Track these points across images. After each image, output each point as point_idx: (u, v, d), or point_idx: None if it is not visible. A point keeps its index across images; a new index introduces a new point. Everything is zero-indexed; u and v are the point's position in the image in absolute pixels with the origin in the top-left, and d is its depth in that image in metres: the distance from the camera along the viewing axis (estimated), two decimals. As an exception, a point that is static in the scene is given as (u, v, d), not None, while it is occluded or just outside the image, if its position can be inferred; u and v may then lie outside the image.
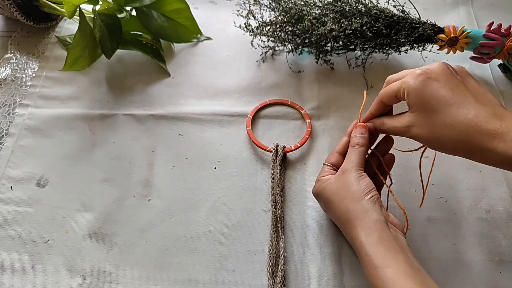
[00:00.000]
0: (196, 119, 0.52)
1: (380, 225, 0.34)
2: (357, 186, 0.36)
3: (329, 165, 0.41)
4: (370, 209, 0.35)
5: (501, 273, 0.40)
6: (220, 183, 0.47)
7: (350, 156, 0.39)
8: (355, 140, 0.40)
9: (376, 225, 0.34)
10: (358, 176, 0.37)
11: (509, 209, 0.44)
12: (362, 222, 0.35)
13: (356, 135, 0.40)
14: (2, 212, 0.46)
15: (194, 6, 0.64)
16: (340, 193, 0.37)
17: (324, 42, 0.53)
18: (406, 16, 0.52)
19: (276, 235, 0.43)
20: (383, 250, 0.33)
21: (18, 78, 0.58)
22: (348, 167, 0.38)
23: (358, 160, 0.38)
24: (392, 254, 0.32)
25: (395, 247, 0.33)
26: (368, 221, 0.34)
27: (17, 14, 0.58)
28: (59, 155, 0.50)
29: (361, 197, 0.36)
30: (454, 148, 0.34)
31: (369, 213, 0.35)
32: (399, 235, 0.36)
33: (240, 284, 0.41)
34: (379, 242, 0.33)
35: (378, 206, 0.36)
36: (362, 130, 0.40)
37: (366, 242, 0.34)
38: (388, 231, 0.34)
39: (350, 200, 0.36)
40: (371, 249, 0.33)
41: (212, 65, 0.58)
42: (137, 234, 0.44)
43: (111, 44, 0.53)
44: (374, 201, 0.36)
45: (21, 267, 0.42)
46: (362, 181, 0.37)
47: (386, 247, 0.33)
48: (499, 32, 0.50)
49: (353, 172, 0.37)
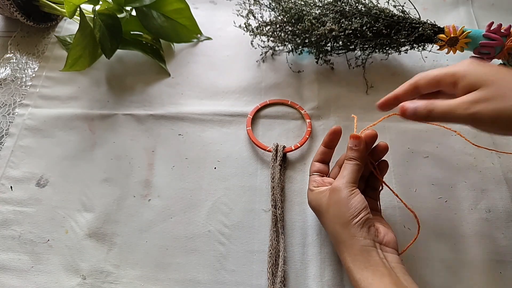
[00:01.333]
0: (196, 119, 0.52)
1: (365, 250, 0.34)
2: (346, 208, 0.36)
3: (316, 174, 0.41)
4: (357, 234, 0.35)
5: (501, 273, 0.40)
6: (220, 183, 0.47)
7: (343, 171, 0.38)
8: (349, 153, 0.39)
9: (362, 250, 0.34)
10: (349, 195, 0.36)
11: (509, 209, 0.44)
12: (349, 248, 0.35)
13: (351, 147, 0.39)
14: (2, 212, 0.46)
15: (194, 6, 0.64)
16: (330, 212, 0.37)
17: (324, 42, 0.53)
18: (406, 16, 0.52)
19: (276, 235, 0.43)
20: (369, 275, 0.33)
21: (18, 78, 0.58)
22: (339, 185, 0.37)
23: (350, 177, 0.37)
24: (378, 278, 0.33)
25: (381, 271, 0.33)
26: (354, 247, 0.35)
27: (17, 14, 0.58)
28: (59, 155, 0.50)
29: (349, 220, 0.35)
30: None
31: (355, 239, 0.35)
32: (390, 254, 0.35)
33: (240, 284, 0.41)
34: (364, 268, 0.34)
35: (365, 229, 0.35)
36: (356, 142, 0.39)
37: (352, 267, 0.34)
38: (374, 255, 0.34)
39: (338, 223, 0.36)
40: (357, 274, 0.34)
41: (212, 65, 0.58)
42: (137, 234, 0.44)
43: (111, 44, 0.53)
44: (361, 224, 0.35)
45: (21, 267, 0.42)
46: (352, 202, 0.36)
47: (371, 271, 0.33)
48: (499, 32, 0.50)
49: (344, 190, 0.36)
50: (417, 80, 0.37)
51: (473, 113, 0.32)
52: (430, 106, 0.34)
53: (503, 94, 0.31)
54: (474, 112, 0.32)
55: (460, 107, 0.33)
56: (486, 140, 0.49)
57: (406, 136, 0.50)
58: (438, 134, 0.50)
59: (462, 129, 0.48)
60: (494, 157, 0.48)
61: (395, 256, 0.36)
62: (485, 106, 0.32)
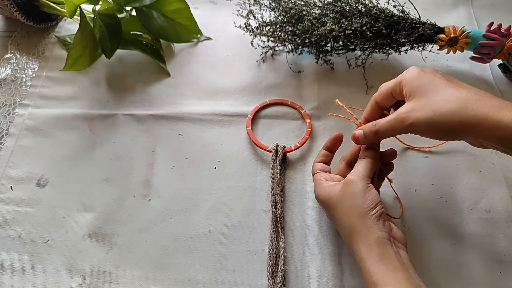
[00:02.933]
0: (196, 119, 0.52)
1: (381, 242, 0.34)
2: (362, 200, 0.36)
3: (321, 171, 0.42)
4: (373, 226, 0.35)
5: (501, 273, 0.40)
6: (220, 183, 0.47)
7: (358, 166, 0.38)
8: (363, 152, 0.39)
9: (377, 242, 0.34)
10: (365, 188, 0.36)
11: (509, 209, 0.44)
12: (364, 239, 0.34)
13: (367, 147, 0.40)
14: (2, 212, 0.46)
15: (194, 6, 0.64)
16: (344, 204, 0.37)
17: (324, 42, 0.53)
18: (406, 16, 0.52)
19: (276, 235, 0.43)
20: (384, 267, 0.33)
21: (18, 78, 0.58)
22: (355, 178, 0.37)
23: (365, 171, 0.38)
24: (392, 272, 0.32)
25: (395, 265, 0.33)
26: (370, 238, 0.34)
27: (17, 14, 0.58)
28: (59, 155, 0.50)
29: (366, 212, 0.35)
30: (459, 124, 0.33)
31: (371, 230, 0.35)
32: (401, 251, 0.36)
33: (240, 284, 0.41)
34: (379, 259, 0.33)
35: (381, 222, 0.35)
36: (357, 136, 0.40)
37: (366, 258, 0.34)
38: (389, 248, 0.34)
39: (354, 214, 0.36)
40: (371, 266, 0.33)
41: (212, 65, 0.58)
42: (137, 234, 0.44)
43: (111, 44, 0.53)
44: (378, 217, 0.35)
45: (21, 267, 0.42)
46: (368, 194, 0.36)
47: (386, 264, 0.33)
48: (499, 32, 0.50)
49: (360, 183, 0.37)
50: (375, 98, 0.40)
51: (410, 124, 0.35)
52: (375, 127, 0.38)
53: (431, 104, 0.34)
54: (410, 123, 0.35)
55: (398, 121, 0.36)
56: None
57: (406, 136, 0.50)
58: (438, 134, 0.50)
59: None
60: (494, 157, 0.48)
61: (405, 253, 0.36)
62: (418, 116, 0.35)
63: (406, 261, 0.35)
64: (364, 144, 0.40)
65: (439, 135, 0.35)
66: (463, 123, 0.33)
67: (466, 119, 0.33)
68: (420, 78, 0.36)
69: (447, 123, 0.33)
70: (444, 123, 0.34)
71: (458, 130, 0.34)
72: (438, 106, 0.34)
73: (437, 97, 0.34)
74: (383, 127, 0.37)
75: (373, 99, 0.40)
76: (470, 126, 0.33)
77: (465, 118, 0.33)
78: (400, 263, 0.33)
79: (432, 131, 0.35)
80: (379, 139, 0.39)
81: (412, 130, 0.36)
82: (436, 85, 0.35)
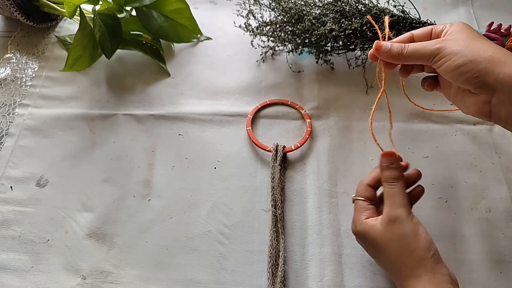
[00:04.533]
0: (196, 119, 0.52)
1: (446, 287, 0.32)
2: (416, 242, 0.33)
3: (362, 199, 0.38)
4: (436, 269, 0.32)
5: (501, 273, 0.40)
6: (220, 183, 0.47)
7: (394, 197, 0.35)
8: (388, 174, 0.36)
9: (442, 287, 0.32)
10: (415, 226, 0.34)
11: (509, 209, 0.44)
12: (428, 284, 0.32)
13: (388, 166, 0.36)
14: (2, 212, 0.46)
15: (194, 6, 0.64)
16: (394, 247, 0.34)
17: (324, 42, 0.53)
18: (406, 16, 0.52)
19: (276, 235, 0.43)
20: None
21: (18, 78, 0.58)
22: (399, 215, 0.34)
23: (404, 202, 0.34)
24: None
25: None
26: (433, 283, 0.32)
27: (17, 14, 0.58)
28: (59, 155, 0.50)
29: (424, 255, 0.33)
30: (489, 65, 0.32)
31: (435, 275, 0.32)
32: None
33: (240, 284, 0.41)
34: None
35: (440, 262, 0.33)
36: (392, 159, 0.37)
37: None
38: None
39: (409, 258, 0.33)
40: None
41: (212, 65, 0.58)
42: (137, 234, 0.44)
43: (111, 44, 0.53)
44: (437, 258, 0.33)
45: (21, 267, 0.42)
46: (420, 233, 0.33)
47: None
48: (499, 32, 0.50)
49: (408, 222, 0.34)
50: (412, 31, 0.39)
51: (439, 47, 0.34)
52: (404, 45, 0.36)
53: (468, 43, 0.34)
54: (440, 47, 0.34)
55: (428, 43, 0.35)
56: (486, 140, 0.49)
57: (406, 136, 0.50)
58: (438, 134, 0.50)
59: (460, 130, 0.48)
60: (494, 157, 0.48)
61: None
62: (450, 45, 0.34)
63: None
64: (382, 58, 0.37)
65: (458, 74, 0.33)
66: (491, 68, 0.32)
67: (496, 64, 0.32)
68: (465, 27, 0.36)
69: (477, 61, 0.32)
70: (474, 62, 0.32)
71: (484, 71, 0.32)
72: (474, 44, 0.33)
73: (476, 41, 0.34)
74: (411, 46, 0.36)
75: (410, 33, 0.39)
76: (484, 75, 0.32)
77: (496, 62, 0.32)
78: None
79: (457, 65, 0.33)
80: (401, 58, 0.36)
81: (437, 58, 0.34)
82: (477, 36, 0.34)
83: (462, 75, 0.33)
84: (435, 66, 0.35)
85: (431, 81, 0.41)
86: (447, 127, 0.50)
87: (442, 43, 0.34)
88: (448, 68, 0.34)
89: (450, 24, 0.37)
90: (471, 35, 0.35)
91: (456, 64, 0.33)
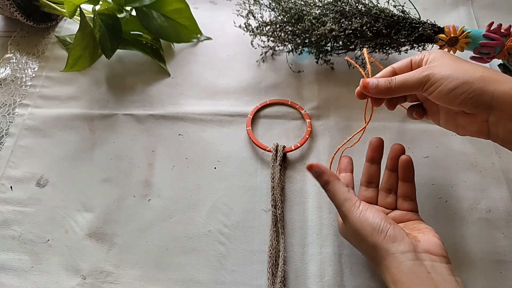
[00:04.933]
0: (196, 119, 0.52)
1: (406, 267, 0.30)
2: (365, 231, 0.33)
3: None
4: (392, 250, 0.31)
5: (501, 273, 0.40)
6: (220, 183, 0.47)
7: (334, 198, 0.36)
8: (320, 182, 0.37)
9: (401, 269, 0.31)
10: (359, 217, 0.34)
11: (509, 209, 0.44)
12: (385, 269, 0.31)
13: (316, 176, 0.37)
14: (2, 212, 0.46)
15: (194, 6, 0.64)
16: (353, 240, 0.36)
17: (324, 42, 0.53)
18: (406, 16, 0.52)
19: (276, 235, 0.43)
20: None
21: (18, 78, 0.58)
22: (344, 212, 0.35)
23: (343, 197, 0.35)
24: None
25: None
26: (391, 267, 0.31)
27: (17, 14, 0.58)
28: (59, 155, 0.50)
29: (375, 240, 0.32)
30: (483, 85, 0.32)
31: (389, 257, 0.31)
32: (437, 264, 0.32)
33: (240, 284, 0.41)
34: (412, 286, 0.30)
35: (399, 242, 0.32)
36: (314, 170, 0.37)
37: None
38: (420, 271, 0.30)
39: (365, 246, 0.34)
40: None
41: (212, 65, 0.58)
42: (137, 234, 0.44)
43: (111, 44, 0.53)
44: (392, 238, 0.32)
45: (21, 267, 0.42)
46: (365, 221, 0.33)
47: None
48: (499, 32, 0.50)
49: (353, 215, 0.34)
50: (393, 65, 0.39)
51: (428, 74, 0.34)
52: (390, 78, 0.36)
53: (455, 66, 0.34)
54: (427, 74, 0.34)
55: (416, 72, 0.35)
56: (486, 140, 0.49)
57: (406, 136, 0.50)
58: (438, 134, 0.50)
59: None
60: (494, 157, 0.48)
61: (443, 265, 0.32)
62: (439, 70, 0.34)
63: (446, 277, 0.31)
64: (371, 94, 0.37)
65: (453, 97, 0.33)
66: (485, 87, 0.32)
67: (489, 83, 0.32)
68: (445, 53, 0.37)
69: (470, 82, 0.32)
70: (467, 83, 0.32)
71: (478, 91, 0.32)
72: (462, 66, 0.34)
73: (461, 63, 0.35)
74: (399, 78, 0.36)
75: (390, 66, 0.39)
76: (492, 94, 0.32)
77: (488, 81, 0.32)
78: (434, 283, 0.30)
79: (450, 89, 0.33)
80: (390, 92, 0.36)
81: (428, 85, 0.34)
82: (461, 60, 0.35)
83: (457, 97, 0.33)
84: (426, 93, 0.35)
85: (419, 109, 0.41)
86: (447, 127, 0.50)
87: (429, 69, 0.34)
88: (441, 93, 0.34)
89: (429, 53, 0.37)
90: (455, 59, 0.35)
91: (449, 88, 0.33)
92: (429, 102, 0.40)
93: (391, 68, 0.39)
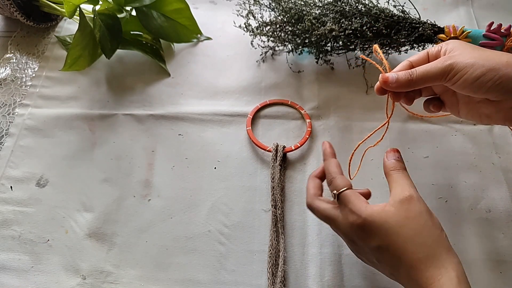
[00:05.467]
0: (196, 119, 0.52)
1: (461, 267, 0.31)
2: (432, 220, 0.32)
3: (350, 189, 0.36)
4: (451, 248, 0.31)
5: (501, 273, 0.40)
6: (220, 183, 0.47)
7: (403, 180, 0.34)
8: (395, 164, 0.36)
9: (459, 264, 0.31)
10: (426, 206, 0.33)
11: (509, 209, 0.44)
12: (446, 263, 0.30)
13: (393, 160, 0.36)
14: (2, 212, 0.46)
15: (194, 6, 0.64)
16: (409, 224, 0.32)
17: (324, 42, 0.53)
18: (406, 16, 0.52)
19: (276, 235, 0.43)
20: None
21: (18, 78, 0.58)
22: (412, 194, 0.33)
23: (413, 185, 0.34)
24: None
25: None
26: (452, 262, 0.31)
27: (17, 14, 0.58)
28: (59, 155, 0.50)
29: (441, 233, 0.32)
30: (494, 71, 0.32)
31: (451, 252, 0.31)
32: None
33: (240, 284, 0.41)
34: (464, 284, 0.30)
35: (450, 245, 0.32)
36: (397, 154, 0.37)
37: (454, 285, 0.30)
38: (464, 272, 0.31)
39: (427, 232, 0.32)
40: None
41: (212, 65, 0.58)
42: (137, 234, 0.44)
43: (111, 44, 0.53)
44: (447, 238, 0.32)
45: (21, 267, 0.42)
46: (433, 214, 0.33)
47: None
48: (499, 32, 0.50)
49: (421, 201, 0.33)
50: (409, 58, 0.38)
51: (451, 63, 0.33)
52: (411, 70, 0.36)
53: (477, 53, 0.34)
54: (452, 62, 0.33)
55: (438, 62, 0.34)
56: (486, 140, 0.49)
57: (406, 136, 0.50)
58: (438, 134, 0.50)
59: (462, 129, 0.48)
60: (494, 157, 0.48)
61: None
62: (462, 59, 0.33)
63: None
64: (392, 89, 0.36)
65: (479, 85, 0.33)
66: (495, 77, 0.32)
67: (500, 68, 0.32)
68: (463, 42, 0.36)
69: (496, 69, 0.32)
70: (493, 69, 0.32)
71: (505, 77, 0.32)
72: (484, 54, 0.33)
73: (483, 51, 0.34)
74: (419, 69, 0.35)
75: (406, 60, 0.38)
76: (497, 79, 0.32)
77: (499, 67, 0.32)
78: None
79: (476, 77, 0.32)
80: (411, 85, 0.35)
81: (452, 74, 0.33)
82: (481, 48, 0.35)
83: (484, 85, 0.33)
84: (450, 83, 0.34)
85: (436, 102, 0.41)
86: (447, 128, 0.50)
87: (452, 59, 0.34)
88: (466, 82, 0.33)
89: (446, 43, 0.37)
90: (475, 48, 0.35)
91: (475, 76, 0.33)
92: (447, 94, 0.40)
93: (408, 61, 0.38)
